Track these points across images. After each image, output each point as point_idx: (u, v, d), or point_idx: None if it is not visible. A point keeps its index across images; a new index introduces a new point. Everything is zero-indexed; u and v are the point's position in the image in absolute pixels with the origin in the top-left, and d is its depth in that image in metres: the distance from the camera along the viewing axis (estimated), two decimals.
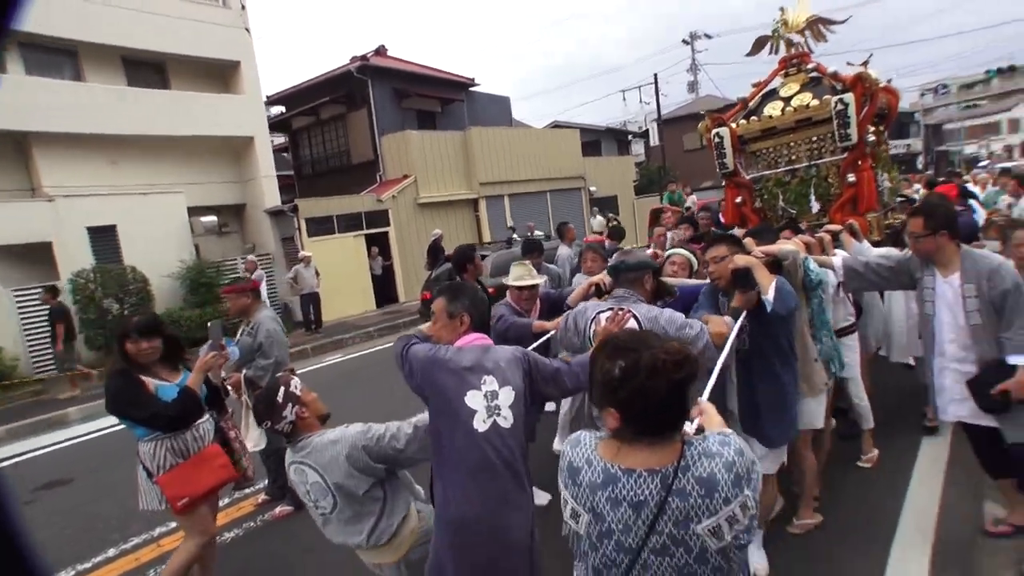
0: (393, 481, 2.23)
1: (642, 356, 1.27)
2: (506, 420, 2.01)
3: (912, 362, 4.67)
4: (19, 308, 9.87)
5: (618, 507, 1.29)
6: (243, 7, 13.23)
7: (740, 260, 2.66)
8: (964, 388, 2.83)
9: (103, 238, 11.03)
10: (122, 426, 2.87)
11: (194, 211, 12.31)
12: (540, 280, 3.73)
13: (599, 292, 2.98)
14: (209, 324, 3.14)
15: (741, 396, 2.87)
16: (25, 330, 9.89)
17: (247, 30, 13.24)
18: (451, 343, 2.17)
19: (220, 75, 13.42)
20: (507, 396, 2.02)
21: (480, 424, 1.99)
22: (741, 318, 2.54)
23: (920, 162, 35.74)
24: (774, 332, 2.73)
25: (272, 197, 13.45)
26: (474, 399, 2.01)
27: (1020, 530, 2.92)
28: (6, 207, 10.34)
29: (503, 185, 17.75)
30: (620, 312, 2.45)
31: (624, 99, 28.64)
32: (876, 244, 4.17)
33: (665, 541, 1.26)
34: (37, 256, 10.36)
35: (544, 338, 3.31)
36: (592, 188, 21.32)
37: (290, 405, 2.19)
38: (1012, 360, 2.64)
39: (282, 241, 13.34)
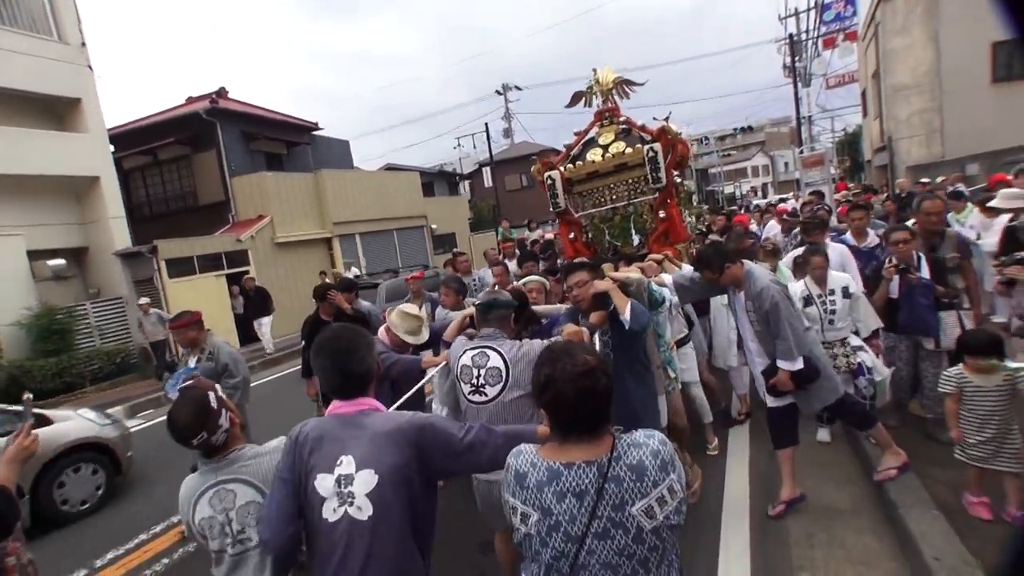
0: None
1: (556, 368, 1.41)
2: (361, 511, 1.60)
3: (728, 366, 5.02)
4: None
5: (563, 499, 1.39)
6: (83, 44, 12.68)
7: (600, 285, 3.05)
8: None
9: None
10: None
11: (30, 255, 11.41)
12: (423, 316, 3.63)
13: (473, 325, 3.00)
14: (24, 398, 2.44)
15: (618, 403, 3.18)
16: None
17: (89, 67, 12.72)
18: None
19: (58, 112, 12.61)
20: (365, 481, 1.61)
21: (330, 514, 1.62)
22: (597, 334, 2.97)
23: (695, 199, 43.76)
24: (635, 345, 3.16)
25: (122, 239, 12.85)
26: (324, 484, 1.64)
27: (793, 503, 3.42)
28: None
29: (354, 224, 18.67)
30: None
31: (459, 144, 31.29)
32: None
33: (606, 525, 1.37)
34: None
35: (430, 375, 3.28)
36: (433, 226, 23.10)
37: (224, 412, 1.88)
38: (778, 364, 3.29)
39: (136, 284, 12.83)
